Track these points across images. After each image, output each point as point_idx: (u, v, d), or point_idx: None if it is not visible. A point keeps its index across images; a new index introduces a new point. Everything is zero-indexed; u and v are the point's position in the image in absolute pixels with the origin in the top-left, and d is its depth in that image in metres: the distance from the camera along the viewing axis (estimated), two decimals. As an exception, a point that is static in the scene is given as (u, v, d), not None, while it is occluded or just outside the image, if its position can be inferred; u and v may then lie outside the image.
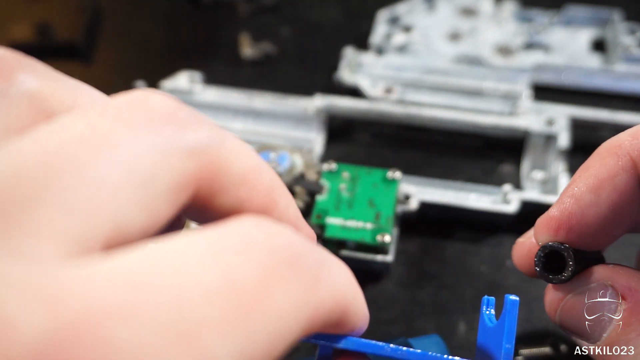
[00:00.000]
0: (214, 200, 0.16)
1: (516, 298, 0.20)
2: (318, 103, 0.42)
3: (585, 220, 0.22)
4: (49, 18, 0.52)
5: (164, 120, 0.15)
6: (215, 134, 0.16)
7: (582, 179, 0.22)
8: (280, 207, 0.18)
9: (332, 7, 0.54)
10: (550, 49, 0.48)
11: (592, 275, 0.22)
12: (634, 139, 0.22)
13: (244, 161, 0.17)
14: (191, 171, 0.15)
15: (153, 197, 0.14)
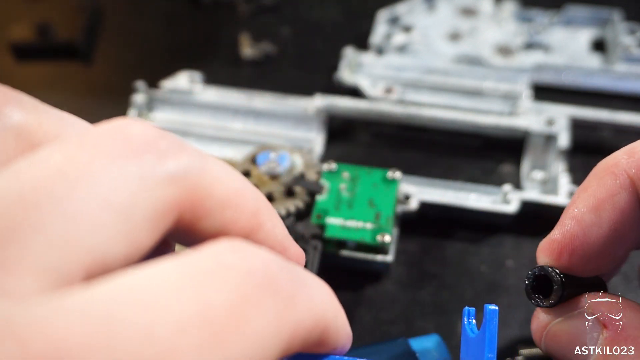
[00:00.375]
0: (199, 225, 0.16)
1: (495, 307, 0.20)
2: (318, 103, 0.42)
3: (587, 241, 0.22)
4: (49, 18, 0.52)
5: (143, 149, 0.15)
6: (197, 160, 0.16)
7: (582, 200, 0.22)
8: (266, 228, 0.19)
9: (332, 7, 0.54)
10: (550, 49, 0.48)
11: (578, 302, 0.22)
12: (629, 156, 0.22)
13: (227, 185, 0.17)
14: (172, 198, 0.15)
15: (133, 225, 0.14)
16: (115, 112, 0.45)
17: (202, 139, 0.42)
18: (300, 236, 0.35)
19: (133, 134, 0.15)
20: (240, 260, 0.14)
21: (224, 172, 0.17)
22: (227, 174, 0.17)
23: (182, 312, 0.12)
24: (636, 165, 0.21)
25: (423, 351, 0.26)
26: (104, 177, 0.14)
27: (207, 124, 0.43)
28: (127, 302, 0.12)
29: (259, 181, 0.37)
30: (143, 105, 0.43)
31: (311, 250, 0.34)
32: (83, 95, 0.49)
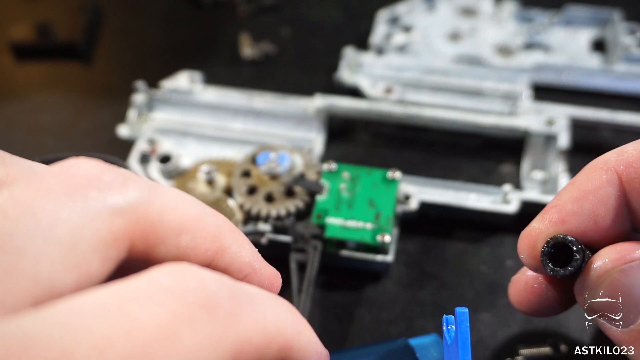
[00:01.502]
0: (154, 252, 0.18)
1: (464, 310, 0.21)
2: (318, 103, 0.42)
3: (566, 228, 0.22)
4: (49, 18, 0.52)
5: (87, 185, 0.16)
6: (144, 190, 0.17)
7: (566, 191, 0.23)
8: (232, 252, 0.19)
9: (332, 7, 0.54)
10: (550, 49, 0.48)
11: (632, 253, 0.21)
12: (619, 155, 0.22)
13: (182, 212, 0.18)
14: (119, 229, 0.16)
15: (80, 256, 0.15)
16: (115, 112, 0.45)
17: (202, 139, 0.42)
18: (300, 236, 0.35)
19: (78, 172, 0.16)
20: (176, 281, 0.15)
21: (177, 199, 0.18)
22: (182, 201, 0.18)
23: (104, 332, 0.13)
24: (625, 162, 0.22)
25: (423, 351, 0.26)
26: (47, 214, 0.15)
27: (207, 124, 0.43)
28: (52, 325, 0.13)
29: (259, 181, 0.37)
30: (143, 105, 0.43)
31: (311, 250, 0.34)
32: (83, 95, 0.49)
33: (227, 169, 0.38)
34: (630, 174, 0.22)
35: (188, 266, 0.16)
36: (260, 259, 0.21)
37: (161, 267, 0.16)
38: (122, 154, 0.41)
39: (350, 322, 0.34)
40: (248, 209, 0.36)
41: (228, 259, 0.19)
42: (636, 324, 0.21)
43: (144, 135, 0.42)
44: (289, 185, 0.37)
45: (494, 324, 0.33)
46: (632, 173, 0.22)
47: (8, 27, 0.52)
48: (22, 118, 0.47)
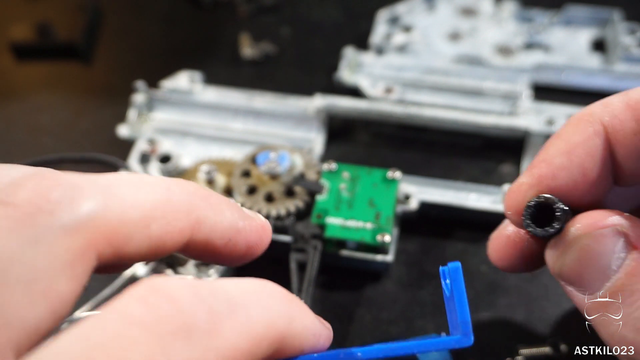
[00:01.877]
0: (124, 251, 0.17)
1: (457, 264, 0.21)
2: (318, 103, 0.42)
3: (555, 183, 0.21)
4: (49, 18, 0.52)
5: (34, 212, 0.15)
6: (98, 197, 0.17)
7: (553, 145, 0.22)
8: (209, 222, 0.19)
9: (332, 7, 0.54)
10: (550, 49, 0.48)
11: (605, 220, 0.21)
12: (605, 107, 0.22)
13: (143, 204, 0.17)
14: (78, 245, 0.16)
15: (43, 286, 0.15)
16: (115, 112, 0.45)
17: (202, 139, 0.42)
18: (300, 236, 0.35)
19: (23, 198, 0.16)
20: (147, 309, 0.15)
21: (135, 192, 0.18)
22: (140, 193, 0.18)
23: None
24: (610, 113, 0.22)
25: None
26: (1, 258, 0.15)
27: (207, 124, 0.43)
28: None
29: (259, 181, 0.37)
30: (143, 105, 0.43)
31: (311, 250, 0.34)
32: (83, 95, 0.49)
33: (227, 169, 0.38)
34: (615, 125, 0.21)
35: (160, 284, 0.16)
36: (243, 215, 0.21)
37: (132, 292, 0.15)
38: (122, 154, 0.41)
39: (350, 322, 0.34)
40: (248, 209, 0.36)
41: (207, 230, 0.19)
42: (602, 292, 0.20)
43: (144, 135, 0.42)
44: (289, 185, 0.37)
45: (494, 324, 0.33)
46: (617, 125, 0.21)
47: (8, 27, 0.52)
48: (22, 118, 0.47)
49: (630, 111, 0.21)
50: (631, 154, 0.21)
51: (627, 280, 0.20)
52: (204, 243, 0.19)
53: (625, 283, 0.20)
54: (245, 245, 0.20)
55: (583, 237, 0.21)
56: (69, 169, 0.44)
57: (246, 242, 0.20)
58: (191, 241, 0.19)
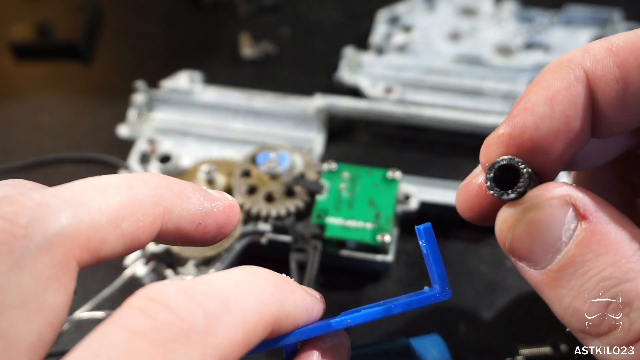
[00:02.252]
0: (103, 253, 0.18)
1: (427, 225, 0.22)
2: (318, 103, 0.42)
3: (538, 133, 0.20)
4: (49, 18, 0.52)
5: (7, 240, 0.16)
6: (66, 211, 0.17)
7: (534, 93, 0.21)
8: (177, 209, 0.20)
9: (332, 7, 0.54)
10: (550, 49, 0.48)
11: (553, 190, 0.20)
12: (586, 52, 0.21)
13: (109, 204, 0.18)
14: (57, 259, 0.17)
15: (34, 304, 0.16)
16: (116, 112, 0.45)
17: (202, 139, 0.42)
18: (300, 236, 0.35)
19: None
20: (149, 321, 0.16)
21: (102, 195, 0.19)
22: (104, 196, 0.19)
23: None
24: (592, 59, 0.21)
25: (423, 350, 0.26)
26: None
27: (207, 124, 0.43)
28: None
29: (259, 181, 0.37)
30: (143, 105, 0.43)
31: (311, 250, 0.34)
32: (83, 95, 0.49)
33: (227, 169, 0.38)
34: (597, 71, 0.20)
35: (156, 293, 0.17)
36: (211, 197, 0.21)
37: (131, 304, 0.16)
38: (122, 154, 0.41)
39: (350, 322, 0.34)
40: (248, 209, 0.36)
41: (176, 218, 0.20)
42: (553, 264, 0.20)
43: (144, 135, 0.42)
44: (289, 185, 0.36)
45: (494, 324, 0.33)
46: (599, 70, 0.20)
47: (8, 27, 0.52)
48: (22, 118, 0.47)
49: (612, 56, 0.20)
50: (612, 101, 0.20)
51: (577, 250, 0.19)
52: (175, 230, 0.20)
53: (576, 254, 0.19)
54: (215, 226, 0.21)
55: (531, 208, 0.20)
56: (69, 169, 0.44)
57: (215, 223, 0.21)
58: (163, 230, 0.20)
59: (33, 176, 0.41)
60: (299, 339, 0.20)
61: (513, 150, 0.21)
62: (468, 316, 0.34)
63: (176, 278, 0.33)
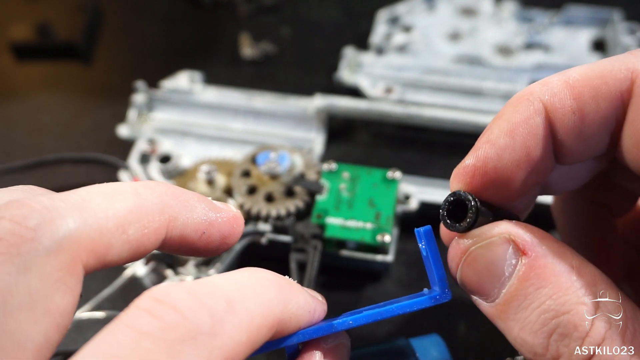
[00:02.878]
0: (108, 258, 0.18)
1: (427, 228, 0.22)
2: (318, 103, 0.42)
3: (500, 164, 0.22)
4: (49, 18, 0.52)
5: (16, 243, 0.17)
6: (74, 214, 0.18)
7: (496, 125, 0.22)
8: (182, 218, 0.20)
9: (332, 7, 0.54)
10: (550, 49, 0.48)
11: (495, 228, 0.21)
12: (544, 85, 0.22)
13: (116, 210, 0.19)
14: (65, 262, 0.17)
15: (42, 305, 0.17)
16: (116, 112, 0.45)
17: (202, 139, 0.42)
18: (300, 236, 0.35)
19: (3, 231, 0.17)
20: (156, 322, 0.16)
21: (109, 201, 0.19)
22: (113, 200, 0.19)
23: None
24: (550, 92, 0.22)
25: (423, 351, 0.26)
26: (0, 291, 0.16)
27: (207, 124, 0.43)
28: None
29: (259, 181, 0.37)
30: (143, 105, 0.43)
31: (311, 250, 0.34)
32: (83, 95, 0.49)
33: (227, 169, 0.38)
34: (554, 104, 0.21)
35: (163, 294, 0.17)
36: (216, 208, 0.21)
37: (138, 305, 0.17)
38: (122, 154, 0.41)
39: (351, 322, 0.34)
40: (248, 209, 0.36)
41: (180, 226, 0.20)
42: (500, 298, 0.21)
43: (144, 135, 0.42)
44: (289, 185, 0.37)
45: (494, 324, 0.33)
46: (557, 102, 0.21)
47: (8, 27, 0.52)
48: (22, 118, 0.47)
49: (569, 89, 0.21)
50: (571, 132, 0.21)
51: (519, 285, 0.20)
52: (180, 238, 0.21)
53: (519, 288, 0.20)
54: (219, 237, 0.21)
55: (477, 245, 0.22)
56: (69, 169, 0.44)
57: (220, 234, 0.21)
58: (167, 238, 0.20)
59: (33, 176, 0.41)
60: (301, 339, 0.20)
61: (477, 181, 0.22)
62: (468, 316, 0.34)
63: (176, 278, 0.33)
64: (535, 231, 0.21)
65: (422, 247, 0.22)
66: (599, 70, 0.21)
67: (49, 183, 0.42)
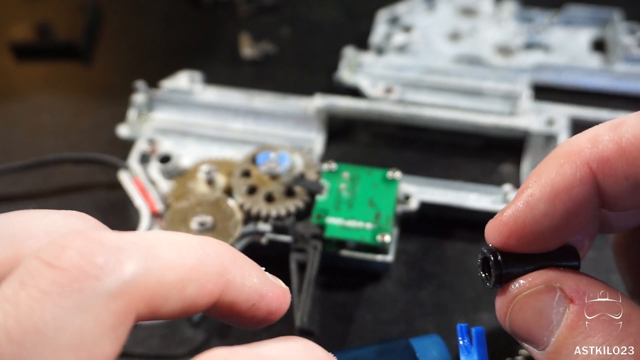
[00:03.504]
0: (159, 312, 0.18)
1: (481, 329, 0.21)
2: (318, 103, 0.42)
3: (538, 229, 0.21)
4: (49, 18, 0.52)
5: (80, 278, 0.16)
6: (141, 261, 0.17)
7: (538, 185, 0.21)
8: (237, 284, 0.20)
9: (332, 7, 0.54)
10: (550, 49, 0.48)
11: (540, 277, 0.21)
12: (593, 146, 0.20)
13: (180, 264, 0.18)
14: (122, 309, 0.16)
15: (89, 351, 0.16)
16: (116, 112, 0.45)
17: (202, 139, 0.42)
18: (300, 236, 0.35)
19: (69, 262, 0.16)
20: None
21: (175, 252, 0.18)
22: (178, 255, 0.18)
23: None
24: (600, 157, 0.20)
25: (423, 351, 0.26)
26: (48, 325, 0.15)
27: (207, 124, 0.43)
28: None
29: (259, 181, 0.37)
30: (143, 105, 0.43)
31: (311, 250, 0.34)
32: (83, 95, 0.49)
33: (227, 169, 0.38)
34: (605, 171, 0.20)
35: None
36: (268, 281, 0.21)
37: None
38: (122, 154, 0.41)
39: (350, 322, 0.34)
40: (248, 209, 0.36)
41: (234, 292, 0.19)
42: (550, 346, 0.21)
43: (144, 135, 0.42)
44: (289, 185, 0.37)
45: (494, 324, 0.33)
46: (607, 170, 0.20)
47: (8, 27, 0.52)
48: (22, 118, 0.47)
49: (621, 153, 0.20)
50: (621, 195, 0.20)
51: (568, 333, 0.20)
52: (230, 305, 0.20)
53: (568, 336, 0.20)
54: (266, 311, 0.20)
55: (522, 295, 0.21)
56: (69, 169, 0.44)
57: (267, 308, 0.20)
58: (218, 303, 0.19)
59: (33, 176, 0.41)
60: None
61: (513, 240, 0.22)
62: (468, 316, 0.34)
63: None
64: (583, 277, 0.21)
65: (465, 343, 0.22)
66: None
67: (49, 183, 0.42)
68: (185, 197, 0.37)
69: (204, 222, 0.35)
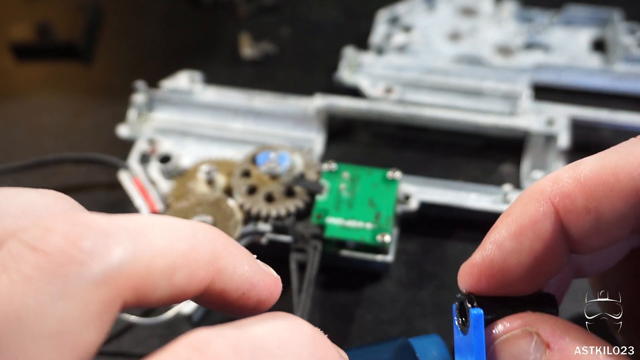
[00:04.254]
0: (147, 299, 0.17)
1: (479, 312, 0.21)
2: (318, 103, 0.42)
3: (507, 268, 0.21)
4: (49, 18, 0.52)
5: (65, 263, 0.15)
6: (129, 245, 0.16)
7: (504, 225, 0.22)
8: (228, 272, 0.19)
9: (332, 7, 0.54)
10: (550, 49, 0.48)
11: (517, 321, 0.21)
12: (554, 184, 0.21)
13: (170, 250, 0.17)
14: (107, 296, 0.16)
15: (72, 339, 0.15)
16: (116, 112, 0.45)
17: (202, 139, 0.42)
18: (300, 236, 0.35)
19: (54, 246, 0.15)
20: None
21: (165, 237, 0.17)
22: (169, 241, 0.17)
23: None
24: (560, 193, 0.21)
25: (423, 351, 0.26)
26: (30, 310, 0.15)
27: (207, 124, 0.43)
28: None
29: (259, 181, 0.37)
30: (143, 105, 0.43)
31: (311, 250, 0.34)
32: (83, 95, 0.49)
33: (227, 169, 0.38)
34: (566, 206, 0.21)
35: (203, 343, 0.16)
36: (259, 270, 0.20)
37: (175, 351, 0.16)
38: (122, 154, 0.41)
39: (350, 322, 0.34)
40: (248, 209, 0.36)
41: (225, 280, 0.19)
42: None
43: (144, 135, 0.42)
44: (289, 185, 0.37)
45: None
46: (569, 204, 0.21)
47: (8, 27, 0.52)
48: (22, 118, 0.47)
49: (580, 188, 0.21)
50: (585, 230, 0.21)
51: None
52: (219, 294, 0.19)
53: None
54: (256, 300, 0.20)
55: (498, 340, 0.21)
56: (69, 169, 0.44)
57: (258, 297, 0.20)
58: (208, 290, 0.19)
59: (33, 176, 0.41)
60: None
61: (484, 284, 0.22)
62: (468, 316, 0.34)
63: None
64: (559, 322, 0.21)
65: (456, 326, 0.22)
66: (611, 166, 0.20)
67: (49, 183, 0.42)
68: (185, 197, 0.37)
69: (204, 222, 0.35)
